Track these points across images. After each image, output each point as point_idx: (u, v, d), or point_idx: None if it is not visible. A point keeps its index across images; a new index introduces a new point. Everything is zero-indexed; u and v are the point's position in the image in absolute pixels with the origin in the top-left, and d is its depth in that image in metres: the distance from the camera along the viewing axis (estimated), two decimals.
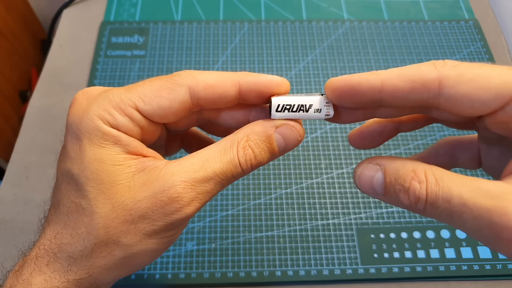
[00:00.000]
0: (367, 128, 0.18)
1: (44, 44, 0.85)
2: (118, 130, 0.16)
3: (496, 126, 0.14)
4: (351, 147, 0.33)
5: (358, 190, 0.31)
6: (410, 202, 0.13)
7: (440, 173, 0.13)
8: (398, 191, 0.14)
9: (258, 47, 0.39)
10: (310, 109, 0.16)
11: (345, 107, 0.16)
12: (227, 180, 0.16)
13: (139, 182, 0.15)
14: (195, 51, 0.39)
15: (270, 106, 0.16)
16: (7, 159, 0.70)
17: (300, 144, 0.33)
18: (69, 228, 0.15)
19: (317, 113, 0.16)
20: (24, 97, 0.77)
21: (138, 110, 0.16)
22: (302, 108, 0.16)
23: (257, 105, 0.17)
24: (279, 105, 0.16)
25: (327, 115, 0.16)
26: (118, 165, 0.15)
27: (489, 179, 0.14)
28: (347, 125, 0.34)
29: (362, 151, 0.33)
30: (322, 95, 0.16)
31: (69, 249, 0.15)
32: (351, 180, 0.32)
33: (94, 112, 0.15)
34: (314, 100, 0.16)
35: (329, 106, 0.16)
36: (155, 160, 0.16)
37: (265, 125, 0.16)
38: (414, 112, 0.16)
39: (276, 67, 0.38)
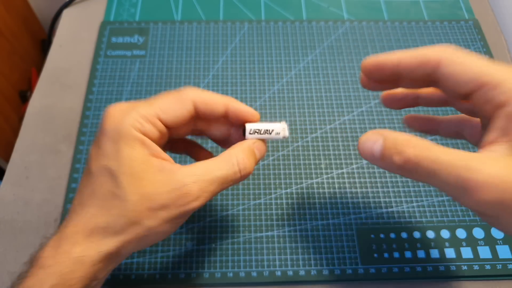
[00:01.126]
0: (394, 92, 0.23)
1: (44, 44, 0.85)
2: (146, 135, 0.20)
3: (477, 108, 0.18)
4: (351, 148, 0.33)
5: (358, 190, 0.31)
6: (403, 163, 0.18)
7: (426, 143, 0.17)
8: (393, 154, 0.18)
9: (258, 47, 0.39)
10: (272, 132, 0.23)
11: (377, 80, 0.21)
12: (226, 184, 0.21)
13: (161, 179, 0.19)
14: (195, 51, 0.39)
15: (244, 130, 0.23)
16: (7, 159, 0.70)
17: (300, 144, 0.33)
18: (104, 211, 0.19)
19: (277, 135, 0.23)
20: (24, 97, 0.77)
21: (159, 119, 0.20)
22: (267, 132, 0.23)
23: (236, 125, 0.23)
24: (251, 129, 0.23)
25: (284, 136, 0.23)
26: (145, 164, 0.20)
27: None
28: (347, 126, 0.34)
29: None
30: (281, 122, 0.23)
31: (103, 226, 0.19)
32: (351, 180, 0.32)
33: (129, 122, 0.20)
34: (275, 126, 0.23)
35: (285, 130, 0.23)
36: (171, 163, 0.20)
37: (249, 144, 0.22)
38: (426, 85, 0.20)
39: (276, 67, 0.38)
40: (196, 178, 0.20)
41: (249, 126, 0.23)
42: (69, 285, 0.18)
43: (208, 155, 0.26)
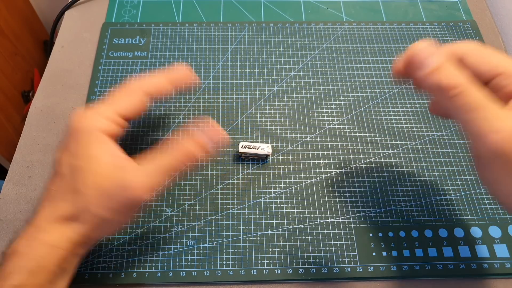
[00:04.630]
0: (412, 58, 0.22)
1: (46, 45, 0.85)
2: (109, 134, 0.23)
3: (494, 92, 0.21)
4: (350, 148, 0.34)
5: (357, 190, 0.32)
6: (447, 86, 0.19)
7: (465, 78, 0.19)
8: (445, 77, 0.19)
9: (258, 48, 0.39)
10: (258, 149, 0.31)
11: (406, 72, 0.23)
12: (173, 170, 0.23)
13: (115, 174, 0.22)
14: (195, 52, 0.39)
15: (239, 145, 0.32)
16: (9, 158, 0.70)
17: (299, 144, 0.34)
18: (69, 203, 0.22)
19: (262, 151, 0.31)
20: (27, 97, 0.77)
21: (120, 116, 0.24)
22: (254, 147, 0.32)
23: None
24: (243, 145, 0.32)
25: (267, 152, 0.32)
26: (103, 163, 0.22)
27: None
28: (346, 126, 0.35)
29: (361, 151, 0.33)
30: (267, 143, 0.33)
31: (69, 217, 0.22)
32: (350, 179, 0.32)
33: (94, 124, 0.23)
34: (261, 145, 0.32)
35: (269, 148, 0.32)
36: (126, 160, 0.23)
37: (193, 131, 0.23)
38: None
39: (276, 68, 0.38)
40: (140, 172, 0.22)
41: (241, 143, 0.32)
42: (46, 267, 0.21)
43: None
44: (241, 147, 0.31)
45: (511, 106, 0.19)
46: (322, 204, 0.31)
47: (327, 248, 0.29)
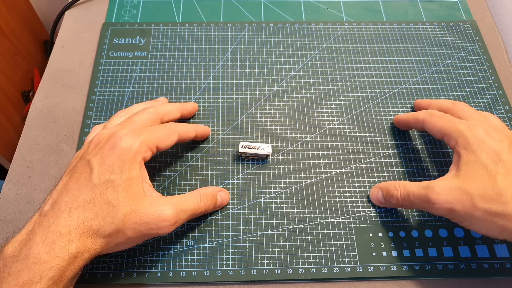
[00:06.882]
0: (400, 122, 0.34)
1: (46, 45, 0.85)
2: (144, 159, 0.26)
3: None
4: (350, 148, 0.34)
5: (357, 190, 0.32)
6: (396, 201, 0.28)
7: (405, 183, 0.28)
8: (390, 198, 0.29)
9: (258, 48, 0.39)
10: (258, 149, 0.31)
11: (399, 125, 0.35)
12: (194, 215, 0.27)
13: (148, 201, 0.25)
14: (196, 52, 0.39)
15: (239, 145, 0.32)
16: (10, 158, 0.70)
17: (299, 144, 0.34)
18: (100, 217, 0.23)
19: (262, 151, 0.31)
20: (27, 97, 0.77)
21: (156, 146, 0.27)
22: (254, 147, 0.31)
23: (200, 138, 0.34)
24: (243, 145, 0.32)
25: (267, 152, 0.32)
26: (138, 185, 0.25)
27: None
28: (346, 126, 0.35)
29: (361, 151, 0.33)
30: (267, 143, 0.33)
31: (96, 229, 0.23)
32: (350, 179, 0.32)
33: (137, 148, 0.25)
34: (261, 145, 0.32)
35: (269, 148, 0.32)
36: (153, 190, 0.26)
37: (214, 189, 0.29)
38: (420, 129, 0.32)
39: (276, 68, 0.38)
40: (174, 207, 0.25)
41: (241, 144, 0.32)
42: (66, 276, 0.22)
43: None
44: (241, 147, 0.31)
45: (445, 176, 0.26)
46: (322, 204, 0.31)
47: (327, 248, 0.29)
